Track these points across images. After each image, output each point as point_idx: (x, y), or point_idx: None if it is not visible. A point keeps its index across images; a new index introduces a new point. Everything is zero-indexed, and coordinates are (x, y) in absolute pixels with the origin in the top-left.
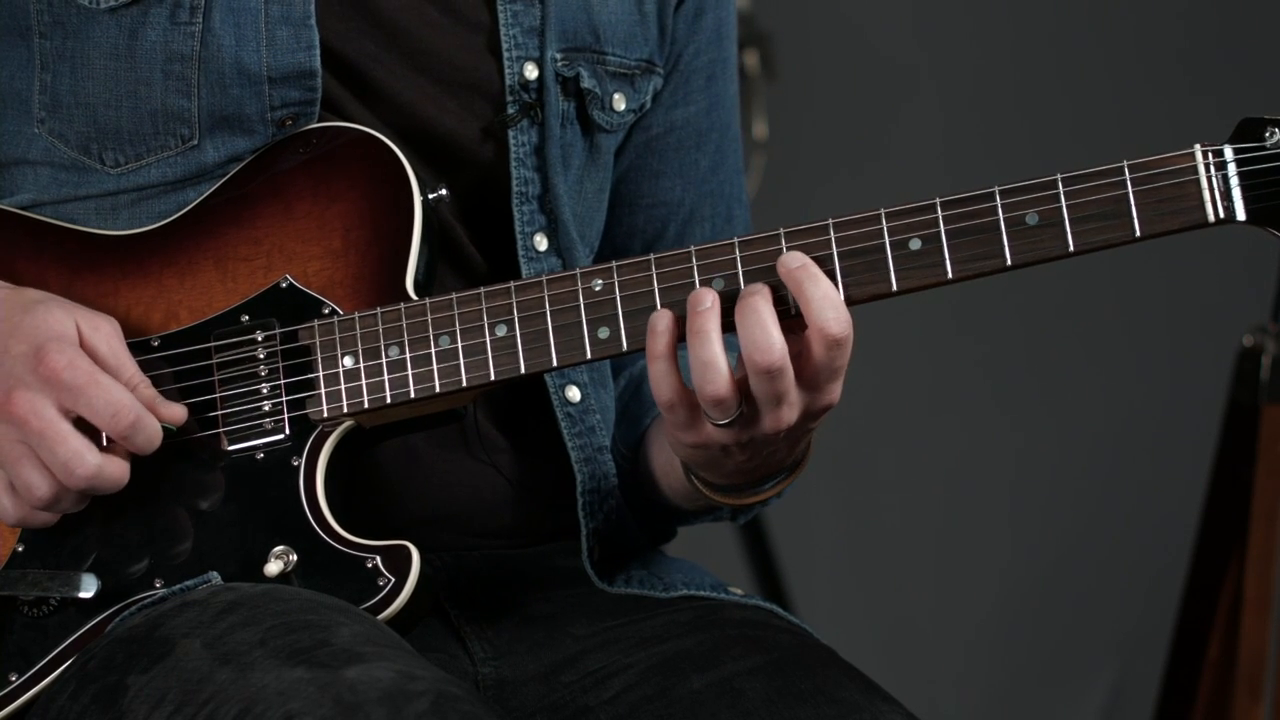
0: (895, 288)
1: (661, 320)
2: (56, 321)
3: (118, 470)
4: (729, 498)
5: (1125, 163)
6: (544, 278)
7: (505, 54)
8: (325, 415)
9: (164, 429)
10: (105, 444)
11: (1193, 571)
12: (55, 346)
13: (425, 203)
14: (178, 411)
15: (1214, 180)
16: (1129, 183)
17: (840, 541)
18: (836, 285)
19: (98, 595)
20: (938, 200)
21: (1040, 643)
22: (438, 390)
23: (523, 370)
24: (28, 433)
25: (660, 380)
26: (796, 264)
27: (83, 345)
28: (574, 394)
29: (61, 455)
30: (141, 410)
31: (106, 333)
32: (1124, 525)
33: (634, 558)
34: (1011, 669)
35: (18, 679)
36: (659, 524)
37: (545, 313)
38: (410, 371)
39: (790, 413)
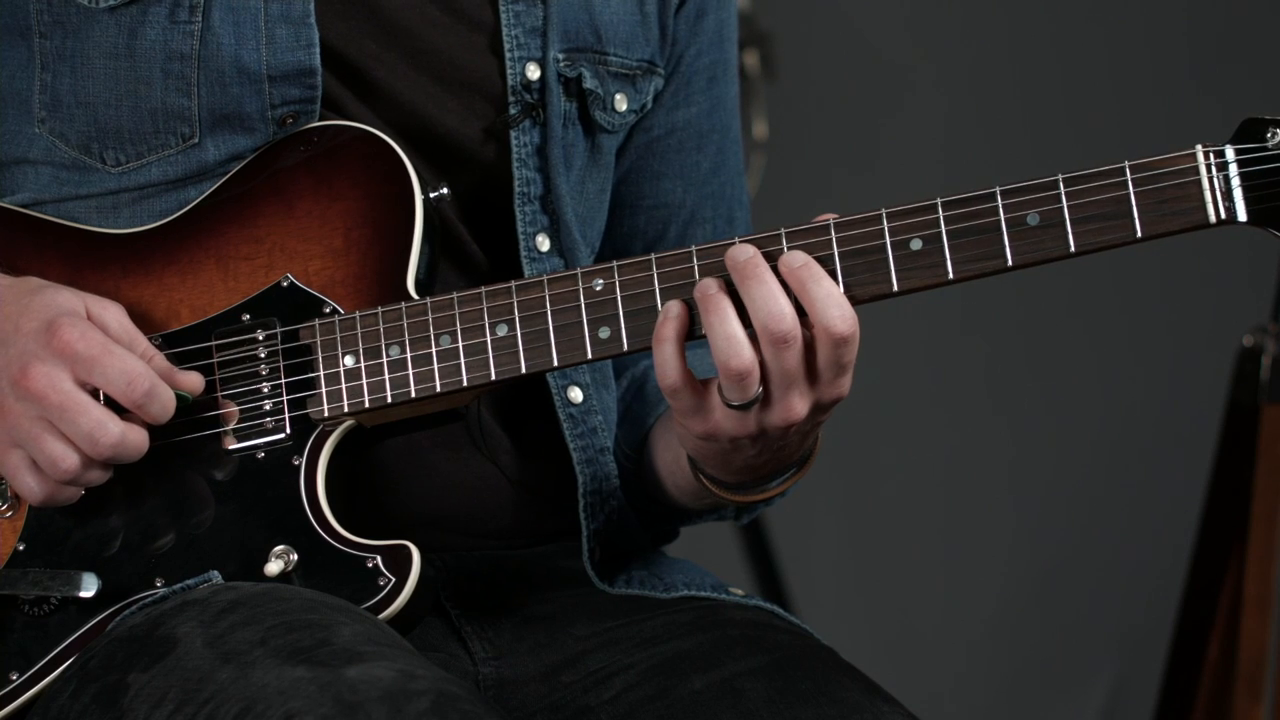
0: (896, 288)
1: (674, 307)
2: (65, 300)
3: (139, 438)
4: (736, 495)
5: (1126, 163)
6: (545, 277)
7: (507, 54)
8: (326, 415)
9: (180, 398)
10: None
11: (1193, 571)
12: (67, 321)
13: (426, 201)
14: (194, 379)
15: (1215, 181)
16: (1130, 183)
17: (840, 542)
18: (838, 285)
19: (98, 594)
20: (939, 200)
21: (1040, 643)
22: (438, 390)
23: (523, 370)
24: (47, 407)
25: (666, 363)
26: (799, 263)
27: (92, 320)
28: (576, 395)
29: (84, 426)
30: (155, 378)
31: (115, 312)
32: (1124, 525)
33: (634, 558)
34: (1012, 669)
35: (18, 678)
36: (662, 524)
37: (546, 312)
38: (411, 371)
39: (801, 403)
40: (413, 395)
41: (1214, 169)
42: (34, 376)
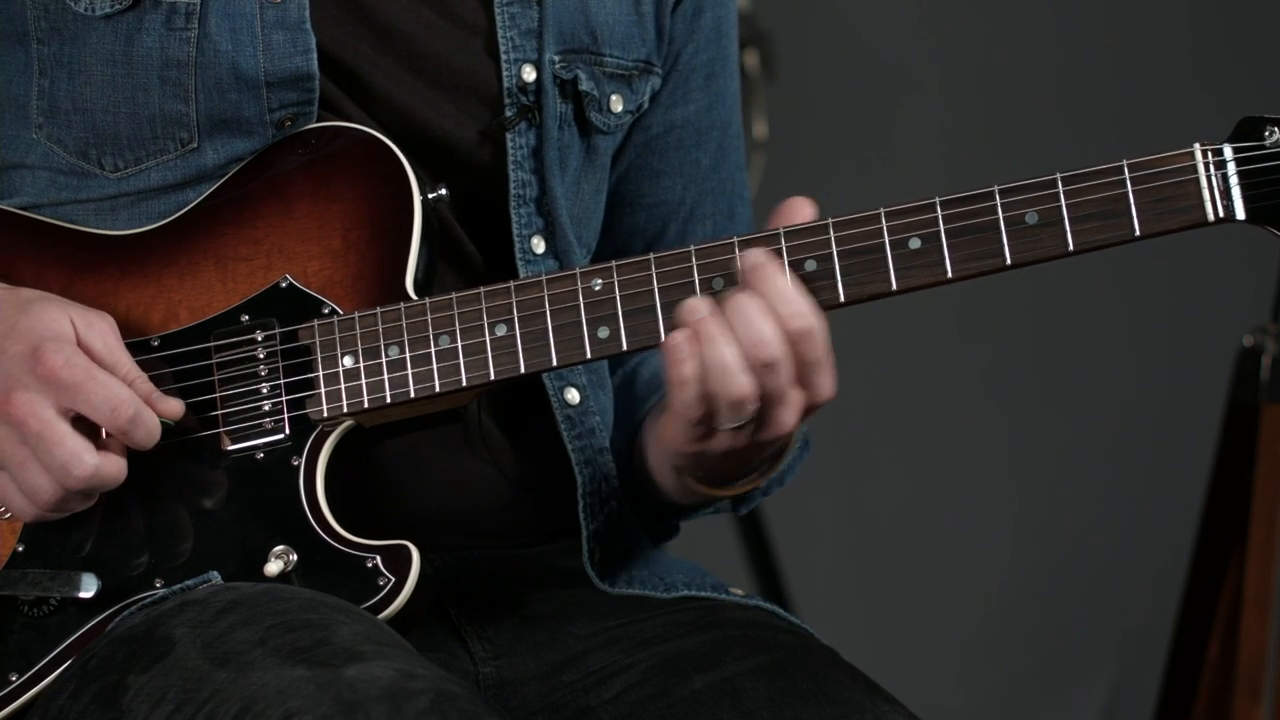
0: (895, 287)
1: (678, 341)
2: (52, 320)
3: (115, 469)
4: (721, 490)
5: (1125, 162)
6: (544, 277)
7: (503, 56)
8: (325, 415)
9: (162, 424)
10: (105, 438)
11: (1193, 571)
12: (52, 345)
13: (425, 202)
14: (174, 406)
15: (1213, 179)
16: (1129, 182)
17: (840, 542)
18: (835, 284)
19: (98, 595)
20: (937, 199)
21: (1040, 643)
22: (437, 390)
23: (522, 370)
24: (26, 434)
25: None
26: (751, 264)
27: (79, 343)
28: (573, 396)
29: (59, 457)
30: (140, 404)
31: (101, 330)
32: (1124, 525)
33: (635, 558)
34: (1012, 669)
35: (18, 679)
36: (661, 520)
37: (545, 312)
38: (410, 371)
39: (790, 415)
40: (412, 395)
41: (1212, 167)
42: (16, 403)
